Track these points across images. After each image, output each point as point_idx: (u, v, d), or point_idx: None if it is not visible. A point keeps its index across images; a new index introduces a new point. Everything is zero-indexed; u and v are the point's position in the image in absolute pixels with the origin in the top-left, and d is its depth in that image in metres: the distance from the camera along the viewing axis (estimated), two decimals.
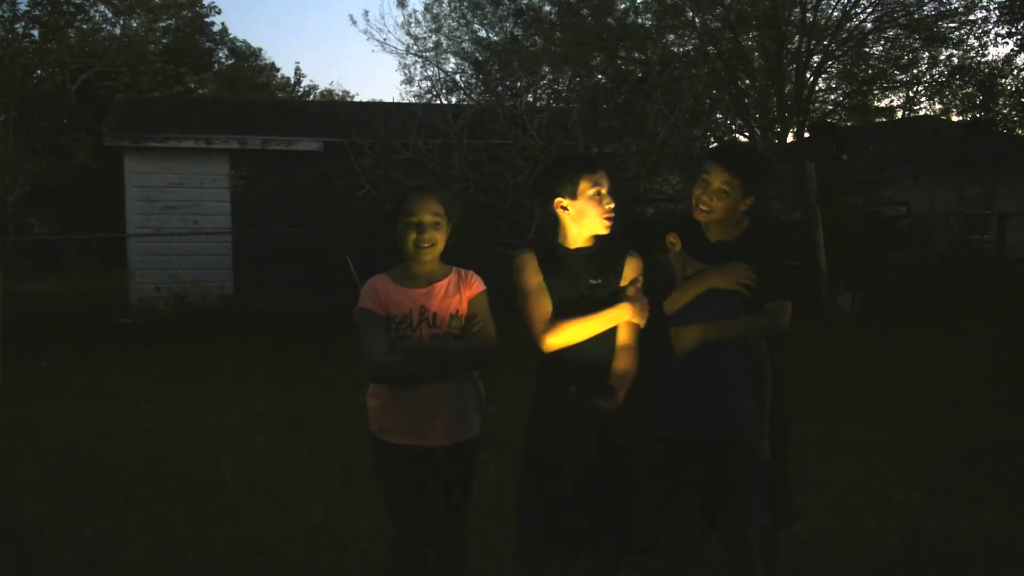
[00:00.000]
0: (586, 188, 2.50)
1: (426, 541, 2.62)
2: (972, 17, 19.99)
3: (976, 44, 22.00)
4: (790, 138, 19.42)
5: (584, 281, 2.52)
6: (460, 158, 9.67)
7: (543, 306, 2.49)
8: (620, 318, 2.48)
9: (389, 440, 2.56)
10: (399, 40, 53.76)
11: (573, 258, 2.55)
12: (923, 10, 19.40)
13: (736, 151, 2.69)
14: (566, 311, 2.50)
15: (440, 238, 2.56)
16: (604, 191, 2.51)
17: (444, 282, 2.58)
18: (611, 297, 2.52)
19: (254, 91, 30.61)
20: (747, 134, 19.07)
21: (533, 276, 2.53)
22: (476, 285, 2.62)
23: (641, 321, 2.49)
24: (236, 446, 5.18)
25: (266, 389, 6.86)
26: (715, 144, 14.60)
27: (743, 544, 2.56)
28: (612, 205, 2.52)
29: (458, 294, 2.57)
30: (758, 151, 10.49)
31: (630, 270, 2.55)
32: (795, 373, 2.76)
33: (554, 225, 2.62)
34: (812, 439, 4.72)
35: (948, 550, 3.49)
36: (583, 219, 2.52)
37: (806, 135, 20.24)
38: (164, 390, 6.89)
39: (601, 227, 2.52)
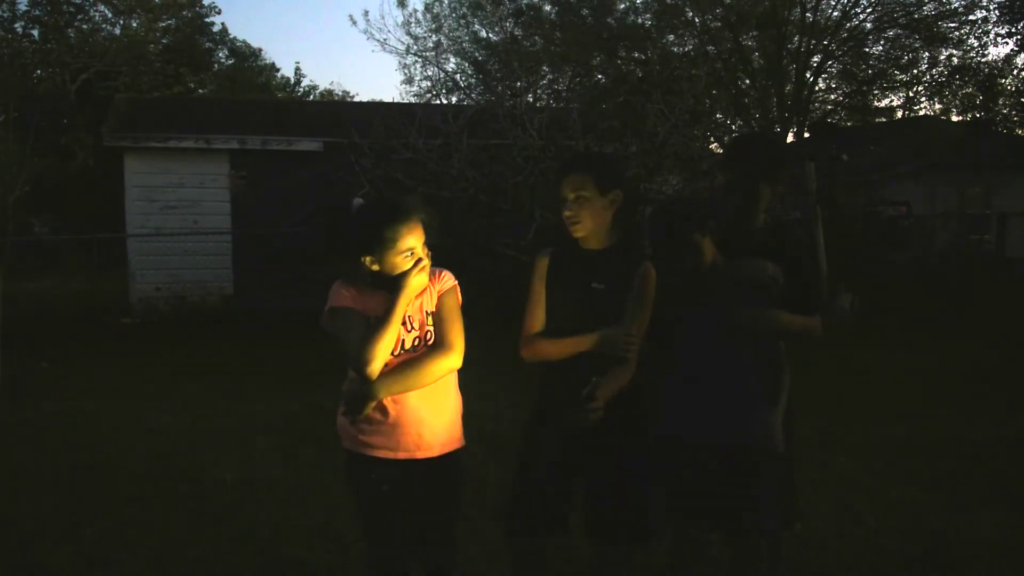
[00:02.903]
0: (558, 194, 2.58)
1: (404, 570, 2.48)
2: (972, 17, 20.04)
3: (976, 44, 22.05)
4: (790, 138, 19.43)
5: (587, 284, 2.52)
6: (460, 158, 9.66)
7: (533, 318, 2.57)
8: (593, 346, 2.46)
9: (368, 454, 2.41)
10: (399, 40, 53.82)
11: (583, 259, 2.57)
12: (923, 10, 19.43)
13: (745, 148, 2.72)
14: (563, 312, 2.53)
15: (426, 254, 2.40)
16: (571, 196, 2.51)
17: None
18: (611, 303, 2.48)
19: (254, 91, 30.60)
20: None
21: (537, 282, 2.58)
22: (447, 280, 2.46)
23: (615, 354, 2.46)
24: (236, 446, 5.18)
25: (266, 389, 6.85)
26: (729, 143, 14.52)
27: (751, 549, 2.55)
28: (569, 212, 2.51)
29: (428, 291, 2.43)
30: (766, 139, 10.32)
31: (644, 280, 2.50)
32: (795, 373, 2.75)
33: (554, 225, 2.66)
34: (812, 439, 4.72)
35: (948, 550, 3.49)
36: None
37: (806, 135, 20.25)
38: (164, 390, 6.88)
39: (569, 231, 2.56)
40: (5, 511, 4.08)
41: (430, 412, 2.40)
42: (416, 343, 2.39)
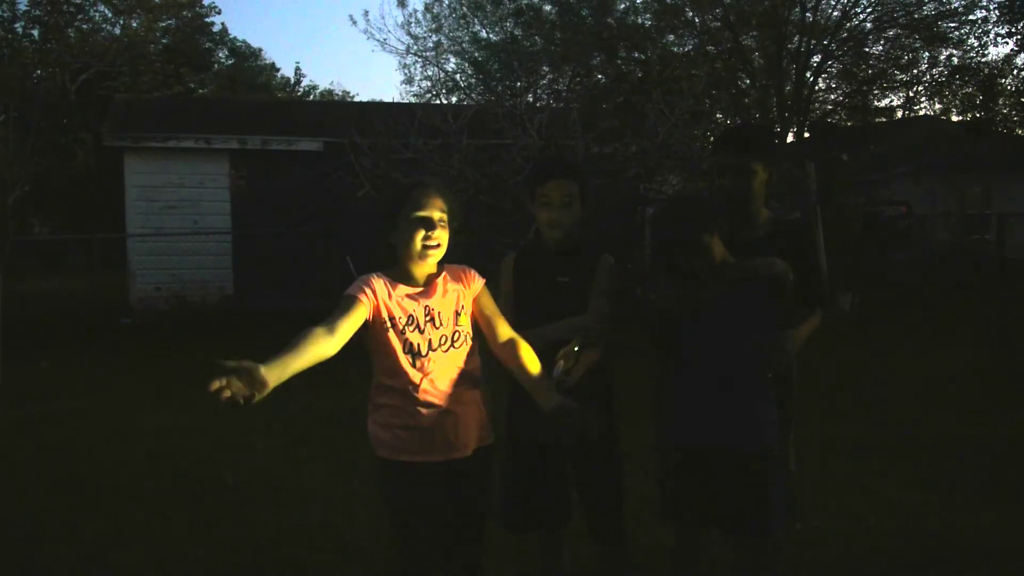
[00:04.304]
0: (538, 195, 2.68)
1: (439, 568, 2.44)
2: (972, 17, 20.02)
3: (976, 44, 22.04)
4: (790, 138, 19.42)
5: (552, 279, 2.64)
6: (460, 158, 9.66)
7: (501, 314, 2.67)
8: (562, 335, 2.54)
9: (405, 460, 2.32)
10: (399, 40, 53.97)
11: (548, 256, 2.71)
12: (923, 10, 19.42)
13: (734, 130, 2.89)
14: (531, 308, 2.65)
15: (445, 239, 2.37)
16: (558, 200, 2.63)
17: (440, 278, 2.41)
18: (575, 296, 2.58)
19: (254, 91, 30.61)
20: None
21: (503, 282, 2.74)
22: (476, 279, 2.45)
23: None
24: (236, 446, 5.18)
25: None
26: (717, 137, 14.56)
27: (757, 553, 2.55)
28: (554, 216, 2.63)
29: (457, 289, 2.41)
30: (755, 124, 10.28)
31: (605, 271, 2.64)
32: (796, 374, 2.76)
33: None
34: (812, 439, 4.72)
35: (948, 550, 3.49)
36: (538, 222, 2.71)
37: (806, 135, 20.24)
38: (164, 390, 6.89)
39: (545, 231, 2.69)
40: (5, 511, 4.09)
41: (462, 411, 2.38)
42: (443, 340, 2.36)
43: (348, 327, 2.21)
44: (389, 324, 2.31)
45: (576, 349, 2.39)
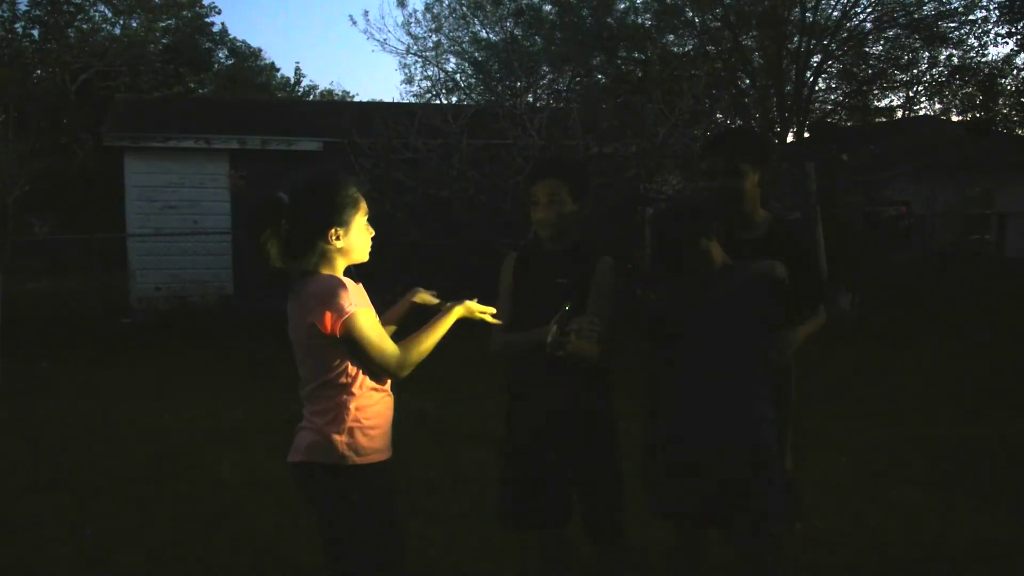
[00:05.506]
0: (530, 196, 2.70)
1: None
2: (972, 17, 20.03)
3: (976, 44, 22.08)
4: (790, 138, 19.44)
5: (551, 280, 2.63)
6: (460, 158, 9.67)
7: (501, 314, 2.65)
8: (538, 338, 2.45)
9: (378, 460, 2.31)
10: (399, 40, 54.02)
11: (548, 257, 2.71)
12: (923, 10, 19.44)
13: (721, 135, 2.90)
14: (530, 307, 2.63)
15: None
16: (543, 199, 2.63)
17: None
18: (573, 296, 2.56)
19: (254, 91, 30.58)
20: None
21: (504, 281, 2.75)
22: None
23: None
24: (236, 446, 5.18)
25: (266, 389, 6.85)
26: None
27: (757, 553, 2.55)
28: (540, 215, 2.64)
29: None
30: (744, 128, 10.19)
31: (604, 272, 2.61)
32: (796, 374, 2.76)
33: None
34: (812, 439, 4.72)
35: (948, 550, 3.49)
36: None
37: (806, 135, 20.26)
38: (164, 390, 6.89)
39: (537, 230, 2.70)
40: (5, 511, 4.09)
41: None
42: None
43: None
44: None
45: (568, 308, 2.38)
